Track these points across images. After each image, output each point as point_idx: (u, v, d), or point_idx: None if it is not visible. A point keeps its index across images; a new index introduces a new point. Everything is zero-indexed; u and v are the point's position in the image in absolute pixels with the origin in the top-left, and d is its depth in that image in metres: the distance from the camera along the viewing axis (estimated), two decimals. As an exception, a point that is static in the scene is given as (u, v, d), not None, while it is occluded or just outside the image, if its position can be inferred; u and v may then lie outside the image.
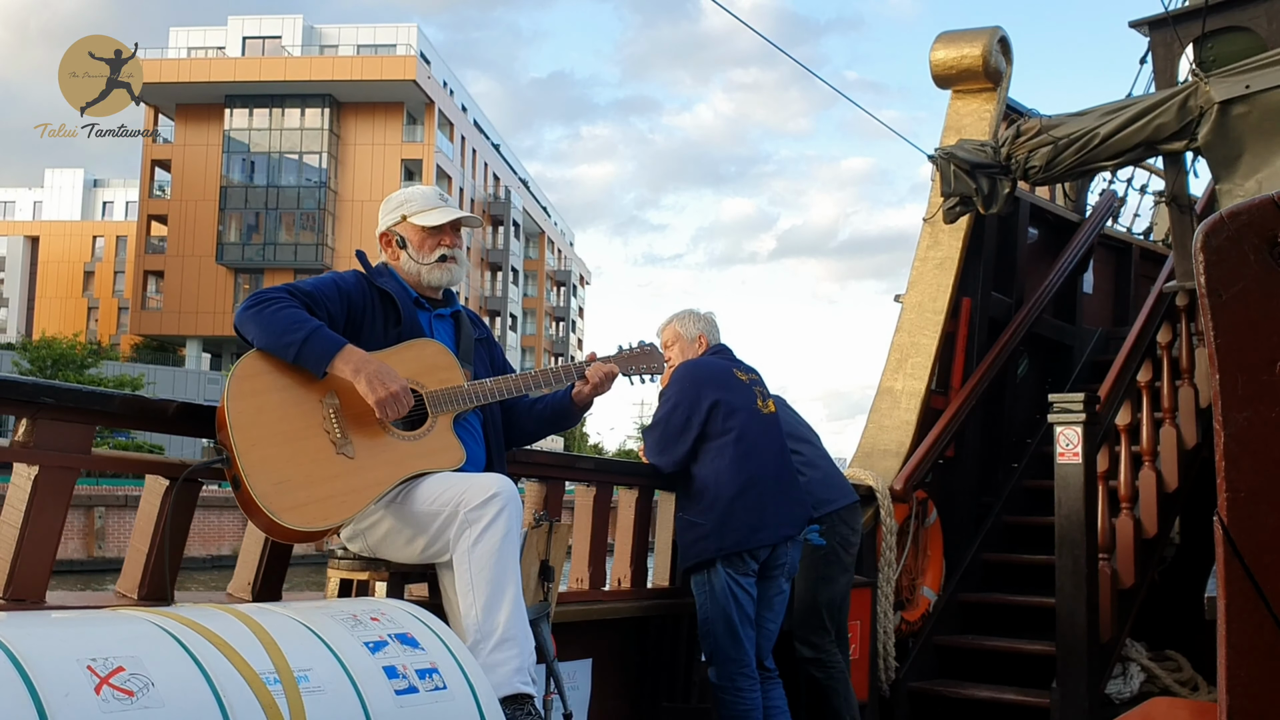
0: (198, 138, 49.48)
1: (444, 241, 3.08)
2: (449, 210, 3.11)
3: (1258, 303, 1.22)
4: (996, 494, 6.31)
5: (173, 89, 47.74)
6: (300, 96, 48.42)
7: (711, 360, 4.30)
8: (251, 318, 2.75)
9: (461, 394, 2.91)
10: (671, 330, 4.41)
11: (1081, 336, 7.37)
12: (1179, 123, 4.97)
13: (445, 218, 3.07)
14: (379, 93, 48.26)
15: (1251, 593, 1.22)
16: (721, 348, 4.39)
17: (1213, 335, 1.22)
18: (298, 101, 48.68)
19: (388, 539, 2.83)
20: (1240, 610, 1.23)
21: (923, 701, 5.31)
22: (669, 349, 4.38)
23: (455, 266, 3.10)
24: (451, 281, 3.12)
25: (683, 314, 4.44)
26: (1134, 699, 5.28)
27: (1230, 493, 1.22)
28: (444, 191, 3.23)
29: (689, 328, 4.39)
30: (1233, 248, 1.22)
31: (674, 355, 4.35)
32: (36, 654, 1.76)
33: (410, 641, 2.27)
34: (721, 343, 4.42)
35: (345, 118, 49.40)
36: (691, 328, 4.39)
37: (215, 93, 48.70)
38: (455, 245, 3.11)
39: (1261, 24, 5.43)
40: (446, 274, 3.09)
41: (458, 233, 3.13)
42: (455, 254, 3.10)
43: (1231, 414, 1.22)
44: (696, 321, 4.40)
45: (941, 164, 5.71)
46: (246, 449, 2.61)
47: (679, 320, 4.42)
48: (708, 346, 4.36)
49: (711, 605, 4.04)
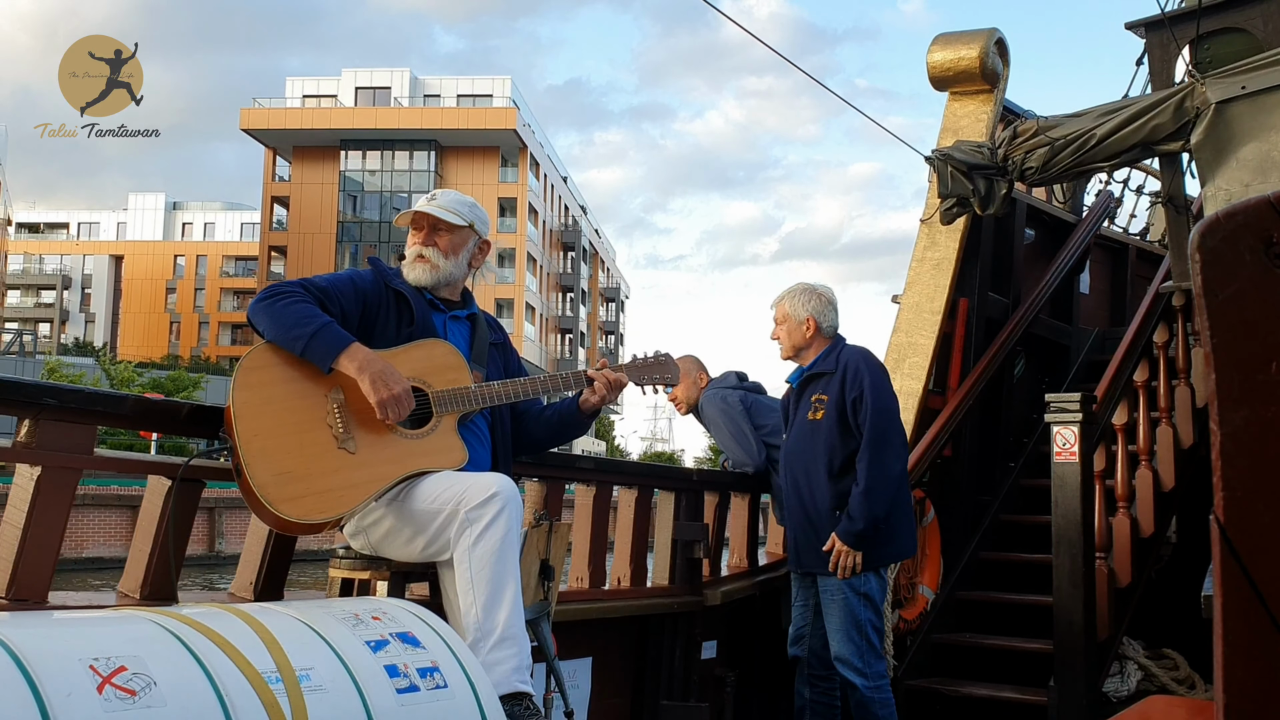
0: (314, 176, 56.37)
1: (417, 240, 3.08)
2: (409, 210, 3.14)
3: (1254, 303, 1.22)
4: (994, 493, 6.32)
5: (291, 134, 55.44)
6: (408, 141, 55.62)
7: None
8: (264, 310, 2.76)
9: (468, 395, 2.91)
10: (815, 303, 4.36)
11: (1078, 336, 7.38)
12: (1175, 123, 4.98)
13: (405, 217, 3.12)
14: (477, 138, 55.15)
15: (1248, 591, 1.23)
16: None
17: (1209, 335, 1.23)
18: (405, 145, 55.80)
19: (389, 537, 2.84)
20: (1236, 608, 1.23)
21: (921, 699, 5.31)
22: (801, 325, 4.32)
23: (422, 265, 3.05)
24: (419, 280, 3.05)
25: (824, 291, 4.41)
26: (1131, 697, 5.29)
27: (1226, 492, 1.23)
28: (439, 192, 3.20)
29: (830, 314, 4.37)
30: (1229, 248, 1.23)
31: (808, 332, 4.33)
32: (39, 654, 1.77)
33: (411, 640, 2.28)
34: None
35: (447, 160, 56.04)
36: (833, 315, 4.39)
37: (331, 137, 55.76)
38: (428, 244, 3.06)
39: (1258, 25, 5.44)
40: (414, 272, 3.06)
41: (438, 231, 3.08)
42: (425, 252, 3.06)
43: (1228, 413, 1.23)
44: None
45: (938, 165, 5.72)
46: (249, 439, 2.61)
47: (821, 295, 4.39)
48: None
49: (870, 610, 4.05)
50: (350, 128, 55.41)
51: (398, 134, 55.26)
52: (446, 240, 3.09)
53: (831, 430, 4.16)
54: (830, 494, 4.14)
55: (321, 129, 55.42)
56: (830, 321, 4.33)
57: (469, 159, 55.67)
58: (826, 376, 4.25)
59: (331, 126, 55.48)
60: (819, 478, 4.17)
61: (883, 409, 4.11)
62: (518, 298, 55.75)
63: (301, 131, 55.39)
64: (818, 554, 4.14)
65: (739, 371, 5.32)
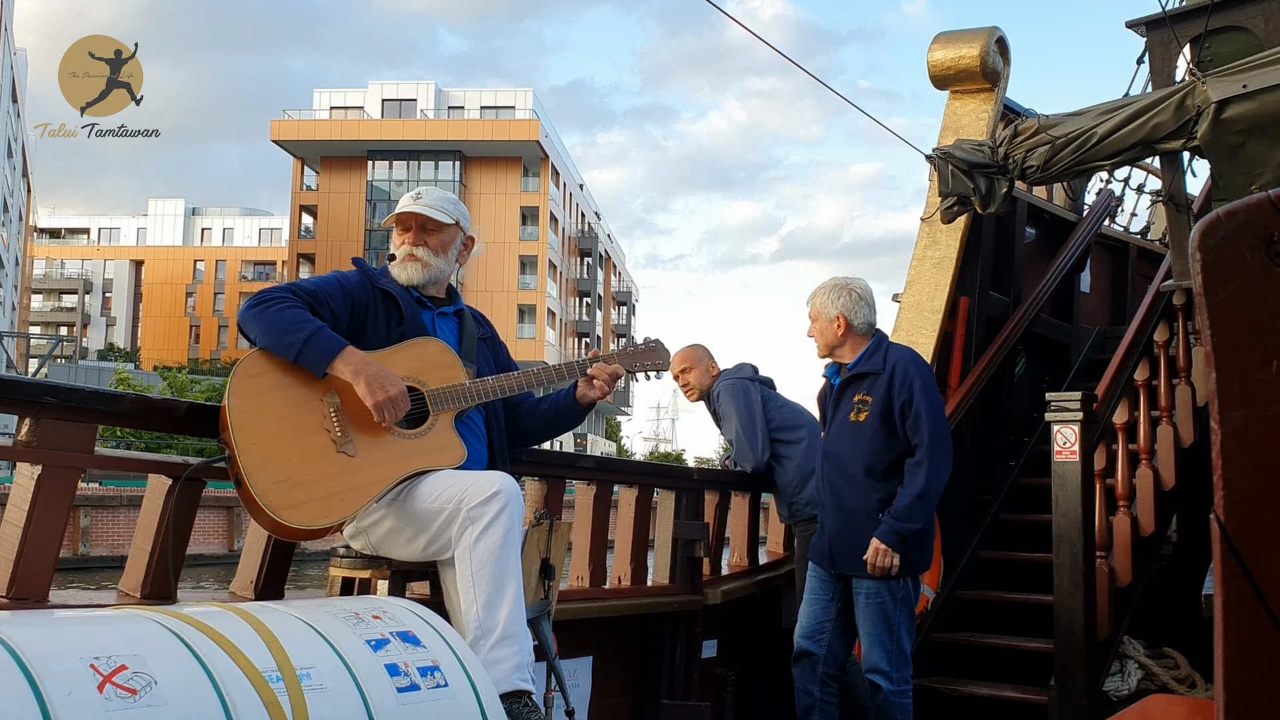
0: (341, 186, 58.00)
1: (406, 239, 3.08)
2: (396, 210, 3.12)
3: (1254, 301, 1.22)
4: (994, 492, 6.31)
5: (318, 145, 57.50)
6: (434, 152, 57.24)
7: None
8: (255, 317, 2.75)
9: (463, 392, 2.91)
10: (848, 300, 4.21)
11: (1079, 335, 7.37)
12: (1176, 122, 4.97)
13: (391, 218, 3.11)
14: (501, 149, 56.94)
15: (1248, 590, 1.23)
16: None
17: (1209, 334, 1.23)
18: (431, 156, 57.34)
19: (390, 537, 2.83)
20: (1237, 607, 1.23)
21: (921, 698, 5.29)
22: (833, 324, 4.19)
23: (412, 265, 3.05)
24: (411, 280, 3.05)
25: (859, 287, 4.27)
26: (1131, 696, 5.29)
27: (1227, 490, 1.23)
28: (424, 190, 3.18)
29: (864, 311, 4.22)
30: (1229, 247, 1.23)
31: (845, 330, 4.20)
32: (40, 653, 1.77)
33: (412, 639, 2.28)
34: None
35: (471, 170, 57.81)
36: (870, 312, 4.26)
37: (359, 148, 57.44)
38: (417, 243, 3.06)
39: (1259, 24, 5.44)
40: (403, 271, 3.06)
41: (427, 230, 3.07)
42: (415, 252, 3.05)
43: (1228, 412, 1.23)
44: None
45: (939, 164, 5.71)
46: (247, 447, 2.61)
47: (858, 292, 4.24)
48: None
49: (904, 614, 3.99)
50: (377, 139, 57.20)
51: (423, 145, 57.03)
52: (436, 239, 3.09)
53: (876, 433, 4.03)
54: (871, 497, 4.02)
55: (349, 140, 57.31)
56: (864, 318, 4.17)
57: (492, 169, 57.47)
58: (871, 377, 4.10)
59: (359, 138, 57.34)
60: (859, 480, 4.06)
61: (938, 415, 4.01)
62: (540, 304, 56.79)
63: (330, 143, 57.51)
64: (855, 557, 4.03)
65: (753, 364, 5.30)
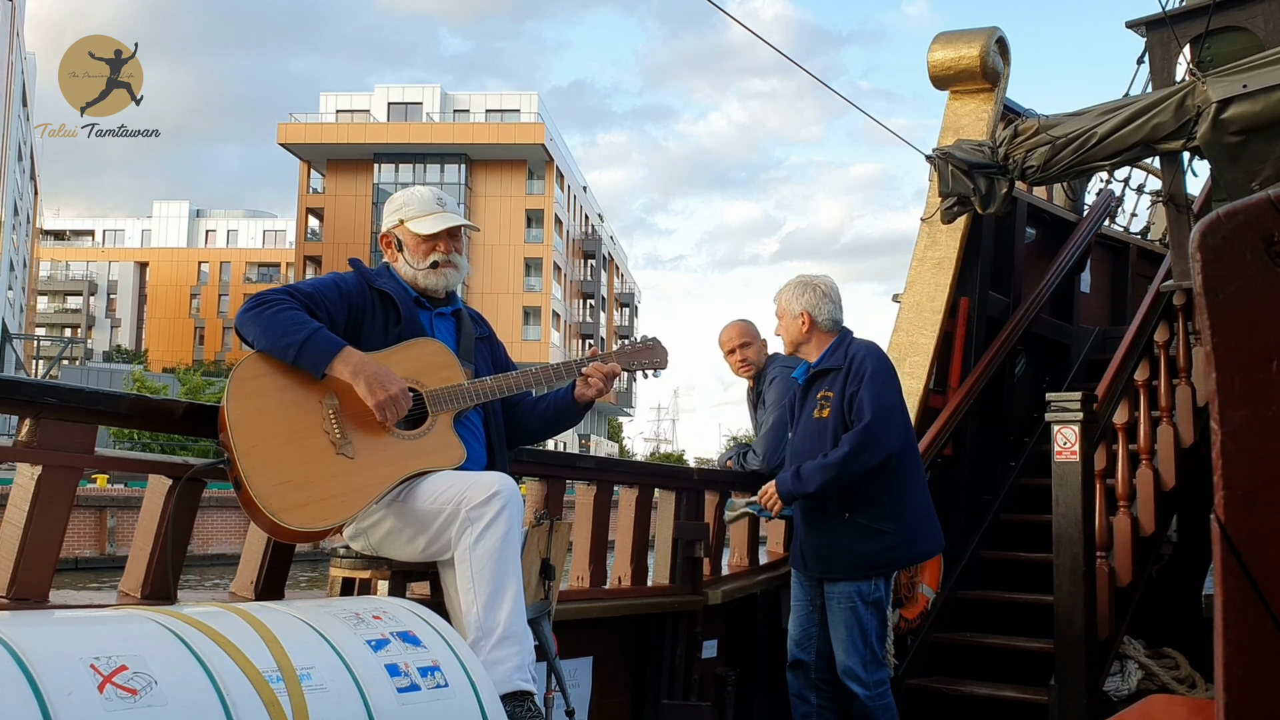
0: (348, 189, 58.26)
1: (438, 248, 3.07)
2: (443, 218, 3.08)
3: (1254, 302, 1.22)
4: (994, 492, 6.31)
5: (325, 148, 57.79)
6: (439, 155, 57.72)
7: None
8: (252, 319, 2.75)
9: (462, 392, 2.91)
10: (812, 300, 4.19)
11: (1079, 335, 7.37)
12: (1176, 122, 4.97)
13: (438, 226, 3.06)
14: (506, 153, 57.30)
15: (1248, 590, 1.23)
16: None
17: (1210, 334, 1.23)
18: (436, 159, 57.77)
19: (390, 538, 2.84)
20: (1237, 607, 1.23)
21: (921, 698, 5.31)
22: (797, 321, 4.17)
23: (451, 271, 3.08)
24: (446, 286, 3.10)
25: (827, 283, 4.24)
26: (1132, 696, 5.29)
27: (1227, 491, 1.23)
28: (442, 195, 3.20)
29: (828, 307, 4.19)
30: (1229, 247, 1.23)
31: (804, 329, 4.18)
32: (40, 653, 1.77)
33: (412, 640, 2.28)
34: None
35: (476, 173, 58.20)
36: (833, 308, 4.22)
37: (365, 151, 57.81)
38: (450, 250, 3.08)
39: (1259, 24, 5.43)
40: (441, 279, 3.08)
41: (455, 238, 3.12)
42: (451, 259, 3.08)
43: (1228, 412, 1.23)
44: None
45: (939, 164, 5.71)
46: (246, 450, 2.61)
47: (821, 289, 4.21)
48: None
49: (874, 616, 3.99)
50: (383, 142, 57.67)
51: (429, 148, 57.52)
52: (460, 243, 3.17)
53: (838, 429, 3.99)
54: (838, 495, 4.01)
55: (356, 143, 57.73)
56: (828, 315, 4.14)
57: (498, 172, 57.86)
58: (834, 373, 4.07)
59: (366, 141, 57.74)
60: None
61: (879, 402, 3.91)
62: (544, 306, 57.06)
63: (336, 146, 57.93)
64: (826, 560, 4.05)
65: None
